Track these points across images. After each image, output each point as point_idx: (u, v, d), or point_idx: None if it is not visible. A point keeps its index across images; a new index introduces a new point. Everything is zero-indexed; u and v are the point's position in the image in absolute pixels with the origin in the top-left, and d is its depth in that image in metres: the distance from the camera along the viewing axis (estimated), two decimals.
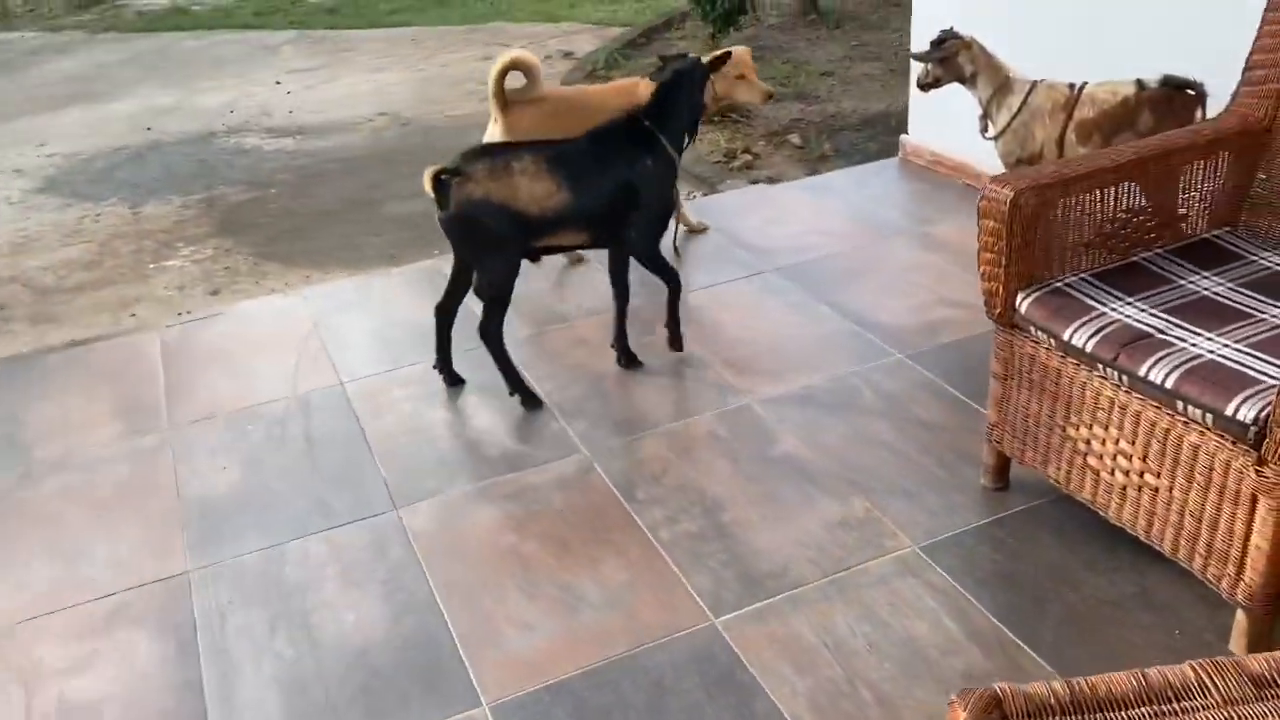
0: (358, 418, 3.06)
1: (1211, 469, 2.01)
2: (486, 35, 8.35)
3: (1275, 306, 2.22)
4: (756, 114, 5.68)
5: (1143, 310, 2.23)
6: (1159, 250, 2.46)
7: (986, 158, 3.44)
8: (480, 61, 7.27)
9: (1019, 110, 3.12)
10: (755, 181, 4.94)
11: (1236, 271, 2.37)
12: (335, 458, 2.91)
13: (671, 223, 3.30)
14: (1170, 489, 2.11)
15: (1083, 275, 2.37)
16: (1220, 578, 2.06)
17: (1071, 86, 3.09)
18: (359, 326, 3.61)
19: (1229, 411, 1.93)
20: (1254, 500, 1.95)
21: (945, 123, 4.07)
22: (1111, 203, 2.41)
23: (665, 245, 3.25)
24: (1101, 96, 3.01)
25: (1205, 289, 2.31)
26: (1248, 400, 1.92)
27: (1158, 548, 2.17)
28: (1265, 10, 2.49)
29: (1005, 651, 2.15)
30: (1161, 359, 2.05)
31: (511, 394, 3.09)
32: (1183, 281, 2.35)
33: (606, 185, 2.99)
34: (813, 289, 3.58)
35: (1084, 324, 2.20)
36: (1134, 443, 2.15)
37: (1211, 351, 2.07)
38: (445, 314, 3.13)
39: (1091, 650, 2.13)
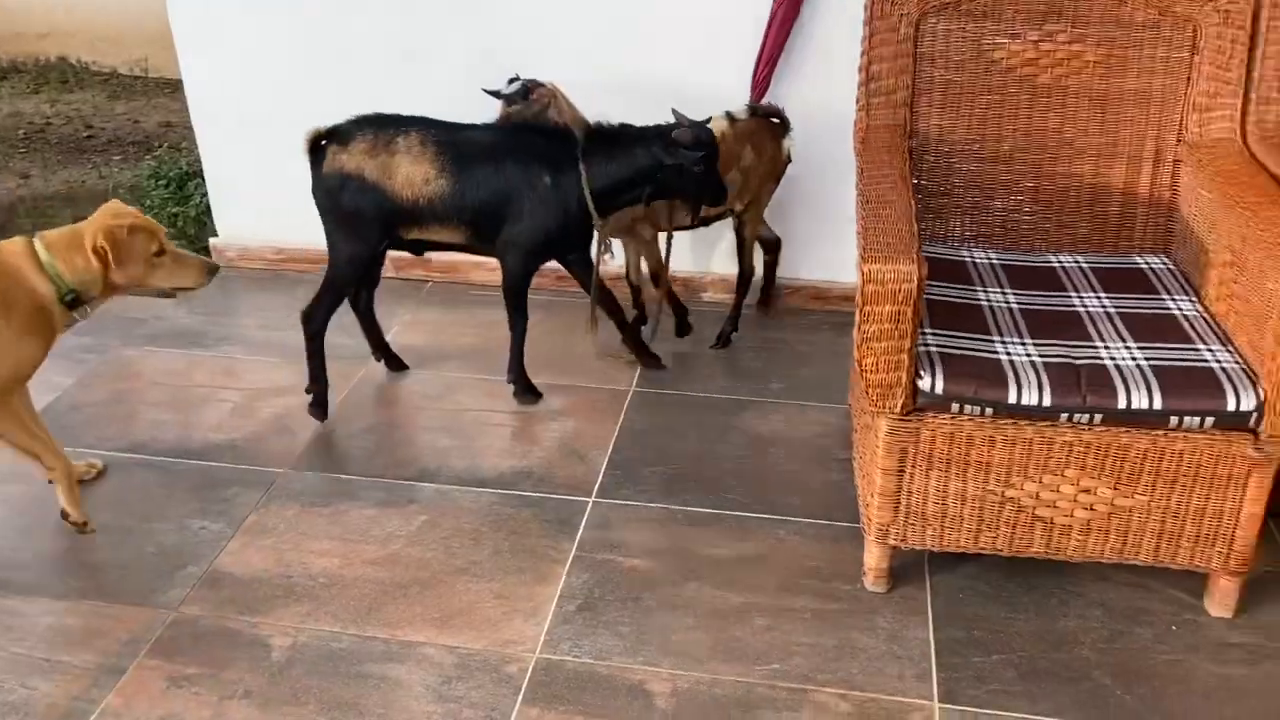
0: None
1: (1198, 466, 2.01)
2: None
3: (1061, 294, 2.29)
4: None
5: (1023, 344, 2.10)
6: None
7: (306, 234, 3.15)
8: None
9: None
10: None
11: (989, 276, 2.37)
12: None
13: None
14: (1149, 502, 2.06)
15: (930, 332, 2.13)
16: (1210, 558, 2.11)
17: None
18: None
19: (1230, 408, 1.94)
20: (1248, 476, 2.01)
21: (256, 211, 3.58)
22: None
23: None
24: None
25: (1001, 303, 2.27)
26: (1233, 391, 1.94)
27: (1132, 563, 2.13)
28: (872, 20, 2.46)
29: None
30: (1122, 384, 1.96)
31: (307, 390, 2.83)
32: (983, 301, 2.27)
33: (490, 184, 2.64)
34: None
35: (1015, 380, 1.98)
36: (1099, 475, 2.04)
37: (1127, 357, 2.04)
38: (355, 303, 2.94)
39: (1154, 688, 2.02)
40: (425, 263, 3.53)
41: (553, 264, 2.93)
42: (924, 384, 2.02)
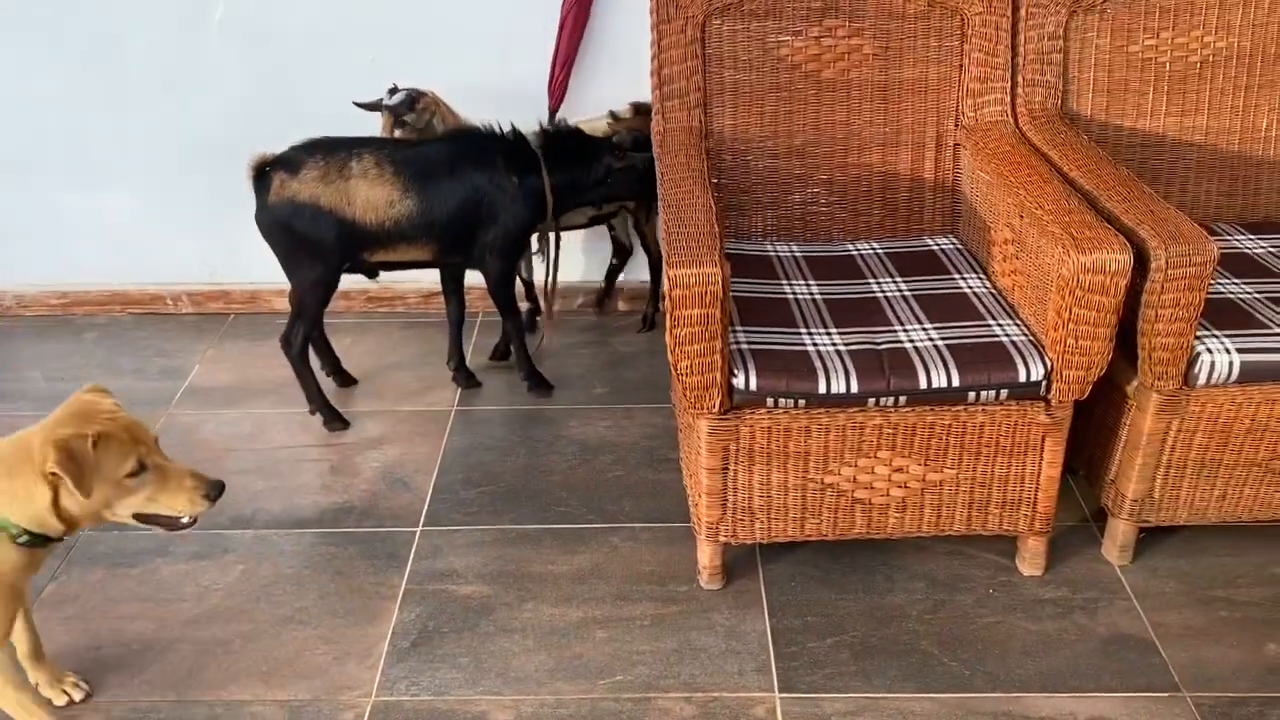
0: None
1: (998, 436, 2.11)
2: None
3: (860, 282, 2.36)
4: None
5: (828, 334, 2.16)
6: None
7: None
8: None
9: None
10: None
11: (793, 269, 2.42)
12: None
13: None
14: (957, 475, 2.15)
15: (741, 329, 2.16)
16: (1017, 521, 2.22)
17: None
18: None
19: (1021, 379, 2.04)
20: (1043, 441, 2.12)
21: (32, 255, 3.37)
22: None
23: None
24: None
25: (805, 295, 2.32)
26: (1023, 363, 2.05)
27: (949, 534, 2.22)
28: (658, 25, 2.47)
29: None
30: (922, 365, 2.04)
31: (312, 412, 2.83)
32: (789, 294, 2.32)
33: (457, 195, 2.64)
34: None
35: (824, 371, 2.03)
36: (909, 454, 2.12)
37: (924, 339, 2.12)
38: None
39: (978, 651, 2.11)
40: (225, 294, 3.37)
41: (358, 282, 2.85)
42: (738, 382, 2.04)
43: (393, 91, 2.74)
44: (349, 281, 2.96)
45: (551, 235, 2.93)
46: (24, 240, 3.33)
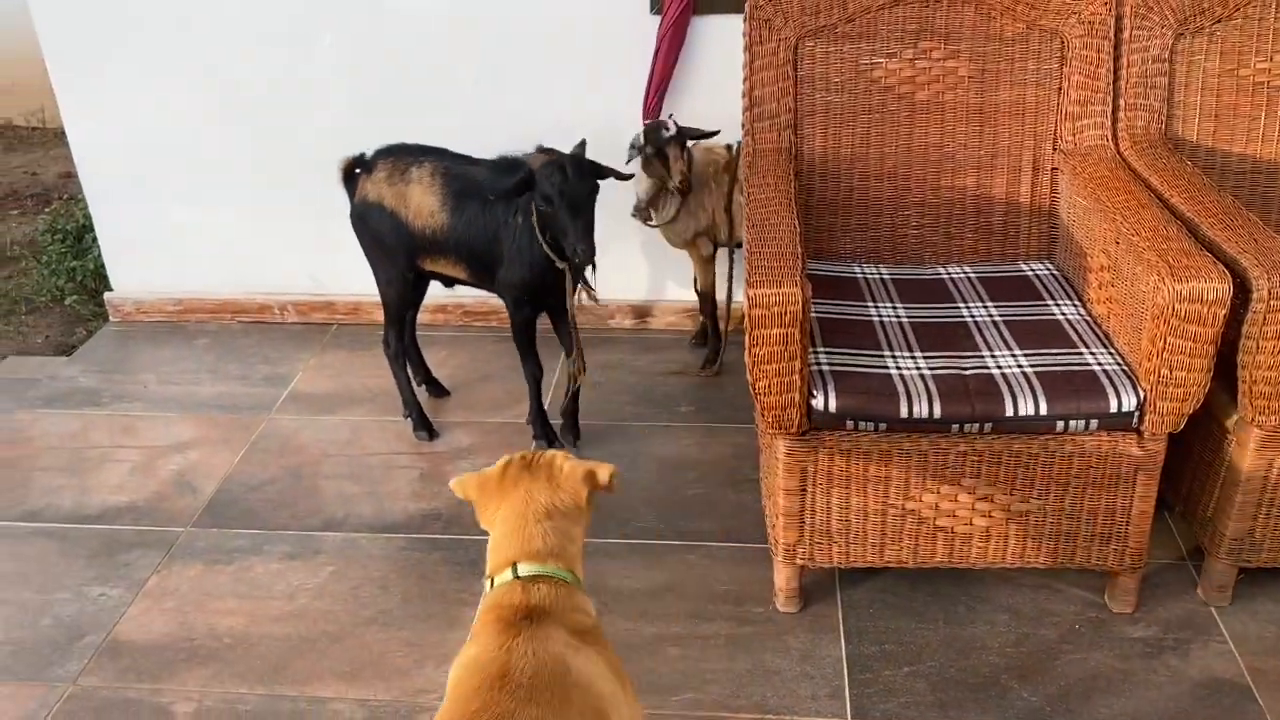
0: None
1: (1088, 468, 2.06)
2: None
3: (949, 306, 2.33)
4: None
5: (913, 358, 2.13)
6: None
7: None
8: None
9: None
10: None
11: (880, 291, 2.40)
12: None
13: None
14: (1044, 506, 2.10)
15: (823, 350, 2.15)
16: (1107, 556, 2.15)
17: (729, 148, 2.88)
18: None
19: (1112, 409, 1.98)
20: (1135, 474, 2.05)
21: (151, 263, 3.53)
22: None
23: None
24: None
25: (891, 317, 2.30)
26: (1114, 393, 1.99)
27: (1034, 566, 2.17)
28: (751, 46, 2.49)
29: None
30: (1009, 392, 2.00)
31: (405, 416, 2.93)
32: (874, 316, 2.30)
33: (478, 223, 2.58)
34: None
35: (906, 395, 2.01)
36: (995, 482, 2.08)
37: (1013, 365, 2.08)
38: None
39: (1060, 687, 2.05)
40: (329, 305, 3.50)
41: (453, 296, 2.91)
42: (817, 403, 2.04)
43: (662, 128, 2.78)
44: (446, 295, 3.05)
45: (725, 249, 2.97)
46: (144, 249, 3.51)
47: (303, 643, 2.24)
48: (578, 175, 2.39)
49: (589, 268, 2.54)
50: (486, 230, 2.58)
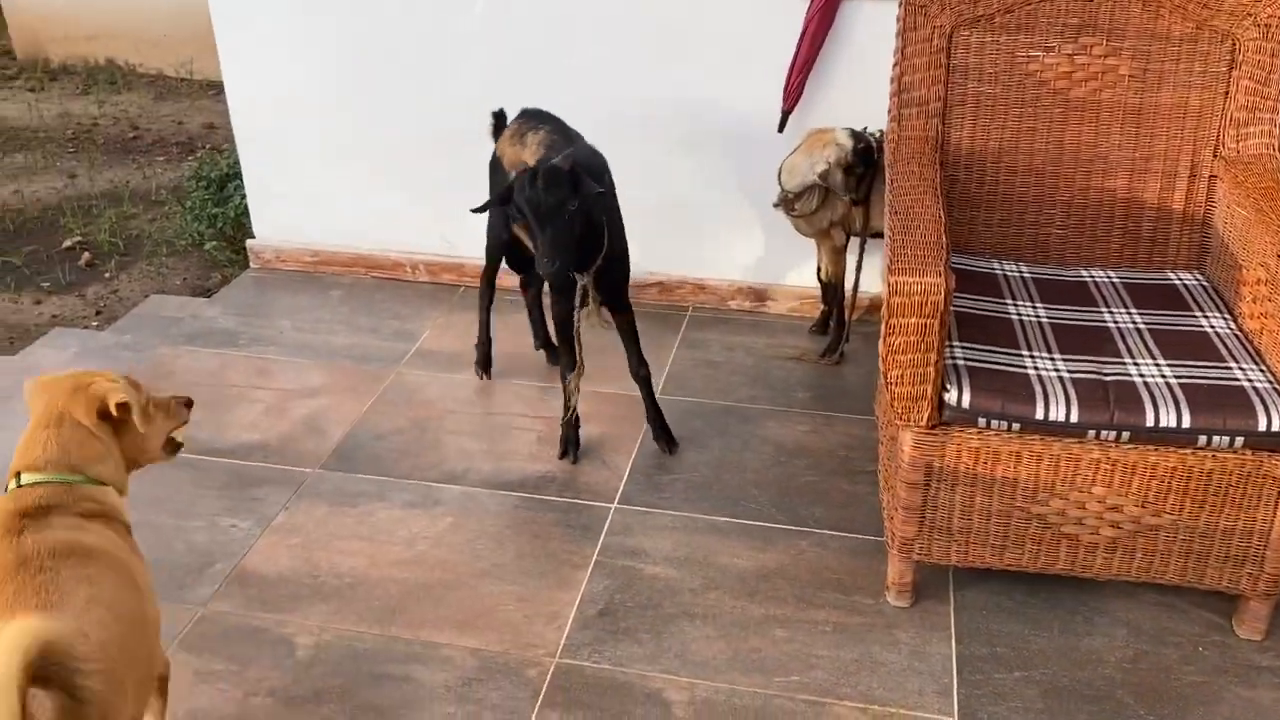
0: None
1: (1228, 486, 1.99)
2: None
3: (1091, 309, 2.26)
4: None
5: (1052, 360, 2.08)
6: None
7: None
8: None
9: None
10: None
11: (1020, 290, 2.35)
12: None
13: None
14: (1176, 521, 2.04)
15: (958, 345, 2.12)
16: (1239, 579, 2.08)
17: (854, 134, 2.83)
18: None
19: (1261, 428, 1.91)
20: (1279, 497, 1.97)
21: (293, 214, 3.66)
22: None
23: None
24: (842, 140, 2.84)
25: (1030, 317, 2.25)
26: (1264, 411, 1.92)
27: (1160, 582, 2.11)
28: (904, 32, 2.45)
29: None
30: (1150, 401, 1.94)
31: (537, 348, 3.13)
32: (1013, 315, 2.26)
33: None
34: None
35: (1043, 396, 1.96)
36: (1127, 493, 2.02)
37: (1156, 374, 2.02)
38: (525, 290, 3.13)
39: (1178, 709, 2.00)
40: (459, 267, 3.57)
41: None
42: (950, 397, 2.01)
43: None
44: None
45: (856, 239, 2.96)
46: (286, 200, 3.64)
47: (419, 588, 2.31)
48: (545, 187, 2.31)
49: (587, 280, 2.48)
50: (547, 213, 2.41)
